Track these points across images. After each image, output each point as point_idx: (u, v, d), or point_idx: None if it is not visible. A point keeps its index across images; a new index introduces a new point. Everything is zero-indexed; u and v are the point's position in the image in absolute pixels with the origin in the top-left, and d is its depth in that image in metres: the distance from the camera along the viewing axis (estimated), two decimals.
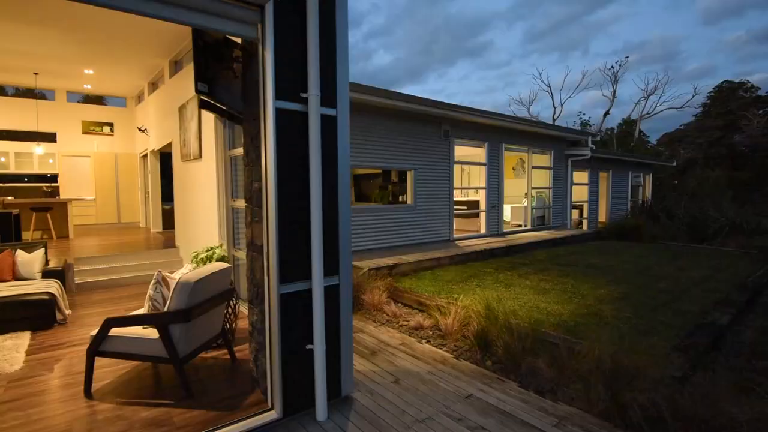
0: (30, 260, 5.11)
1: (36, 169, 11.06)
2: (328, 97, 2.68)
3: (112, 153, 11.75)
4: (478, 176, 12.33)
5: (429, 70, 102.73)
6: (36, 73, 9.37)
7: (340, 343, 2.83)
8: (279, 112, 2.46)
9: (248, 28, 2.49)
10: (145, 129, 10.14)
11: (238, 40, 2.96)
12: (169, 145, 8.00)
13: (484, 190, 9.96)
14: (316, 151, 2.56)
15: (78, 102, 11.97)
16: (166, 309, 2.82)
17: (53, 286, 4.66)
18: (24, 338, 4.05)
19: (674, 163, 20.40)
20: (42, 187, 11.18)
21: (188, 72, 6.56)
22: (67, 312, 4.77)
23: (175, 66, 7.76)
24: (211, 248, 4.06)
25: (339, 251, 2.78)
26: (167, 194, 10.67)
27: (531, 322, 3.83)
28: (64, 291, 4.97)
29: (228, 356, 3.50)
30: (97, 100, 12.52)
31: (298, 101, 2.57)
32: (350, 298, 2.89)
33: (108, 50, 7.57)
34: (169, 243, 7.91)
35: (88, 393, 2.90)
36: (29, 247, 5.31)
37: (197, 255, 4.02)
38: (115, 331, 2.85)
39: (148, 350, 2.83)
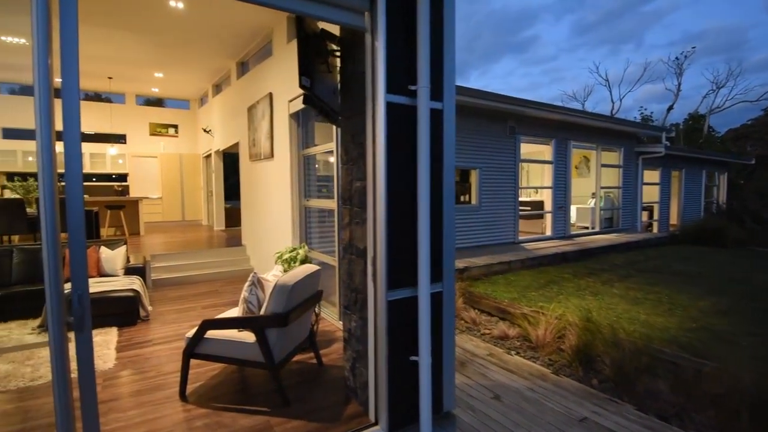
0: (113, 257, 5.29)
1: (108, 169, 11.69)
2: (434, 90, 2.47)
3: (177, 154, 12.23)
4: (539, 175, 11.74)
5: (470, 67, 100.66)
6: (110, 78, 9.88)
7: (442, 355, 2.62)
8: (389, 107, 2.28)
9: (357, 17, 2.33)
10: (210, 130, 10.44)
11: (336, 32, 2.81)
12: (235, 145, 8.14)
13: (548, 190, 9.43)
14: (425, 148, 2.35)
15: (145, 105, 12.55)
16: (263, 312, 2.72)
17: (136, 283, 4.78)
18: (112, 334, 4.15)
19: (752, 161, 18.61)
20: (114, 186, 11.81)
21: (256, 73, 6.61)
22: (149, 308, 4.88)
23: (242, 67, 7.88)
24: (295, 249, 3.97)
25: (443, 255, 2.57)
26: (229, 193, 10.96)
27: (638, 337, 3.45)
28: (146, 288, 5.10)
29: (314, 360, 3.39)
30: (160, 103, 13.08)
31: (407, 94, 2.37)
32: (453, 307, 2.67)
33: (178, 54, 7.81)
34: (234, 241, 8.05)
35: (183, 395, 2.86)
36: (111, 244, 5.50)
37: (281, 255, 3.95)
38: (210, 334, 2.79)
39: (244, 354, 2.75)
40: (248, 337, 2.74)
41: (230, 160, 10.64)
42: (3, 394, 2.92)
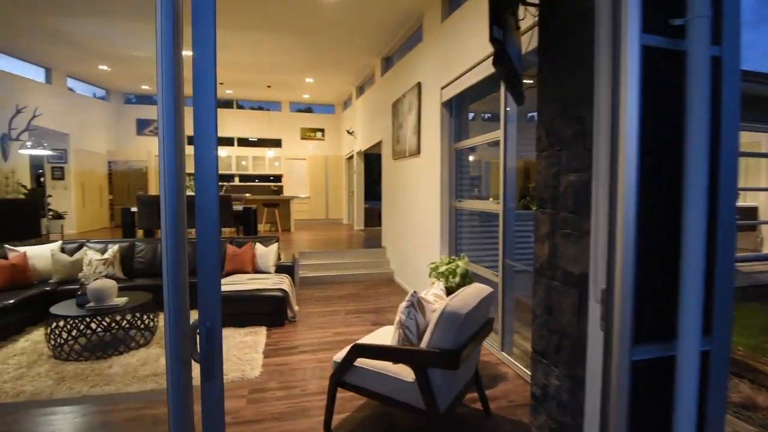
0: (266, 253, 5.40)
1: (267, 171, 12.85)
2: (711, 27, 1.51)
3: (323, 156, 12.83)
4: (754, 171, 9.03)
5: None
6: (269, 86, 10.73)
7: None
8: (646, 53, 1.42)
9: None
10: (353, 131, 10.59)
11: None
12: (376, 145, 7.94)
13: None
14: (700, 120, 1.43)
15: (297, 111, 13.49)
16: (425, 344, 2.11)
17: (285, 282, 4.72)
18: (261, 335, 4.07)
19: None
20: (271, 186, 12.95)
21: (402, 66, 6.20)
22: (296, 308, 4.79)
23: (386, 63, 7.62)
24: (452, 260, 3.34)
25: (714, 292, 1.59)
26: (367, 193, 11.00)
27: None
28: (294, 287, 5.06)
29: (477, 404, 2.67)
30: (309, 109, 13.94)
31: (666, 33, 1.48)
32: (726, 375, 1.66)
33: (328, 55, 7.92)
34: (374, 242, 7.86)
35: (328, 427, 2.43)
36: (265, 241, 5.65)
37: (436, 268, 3.35)
38: (361, 362, 2.29)
39: (399, 394, 2.18)
40: (406, 373, 2.15)
41: (369, 160, 10.66)
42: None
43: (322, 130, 13.36)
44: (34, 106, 8.02)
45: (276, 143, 13.04)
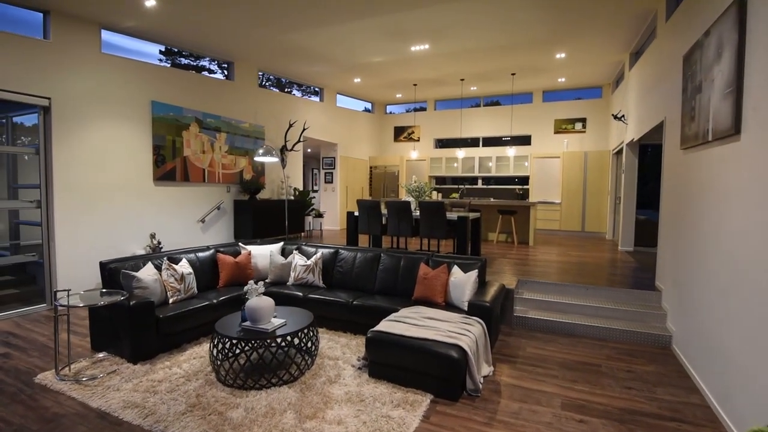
0: (462, 282, 4.07)
1: (511, 172, 11.31)
2: None
3: (582, 151, 10.22)
4: None
5: None
6: (513, 74, 9.17)
7: None
8: None
9: None
10: (623, 115, 7.77)
11: None
12: (656, 128, 5.24)
13: None
14: None
15: (552, 101, 11.29)
16: None
17: (470, 335, 3.26)
18: (417, 409, 2.80)
19: None
20: (515, 189, 11.34)
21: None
22: (485, 374, 3.28)
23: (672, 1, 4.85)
24: None
25: None
26: (644, 200, 7.90)
27: None
28: (488, 340, 3.54)
29: None
30: (567, 96, 11.43)
31: None
32: None
33: (574, 14, 5.77)
34: (644, 278, 5.22)
35: None
36: (466, 266, 4.31)
37: None
38: None
39: None
40: None
41: (645, 153, 7.53)
42: None
43: (583, 120, 10.71)
44: (304, 119, 9.40)
45: (524, 140, 11.32)
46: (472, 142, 12.06)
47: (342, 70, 8.91)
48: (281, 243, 5.47)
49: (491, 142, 11.81)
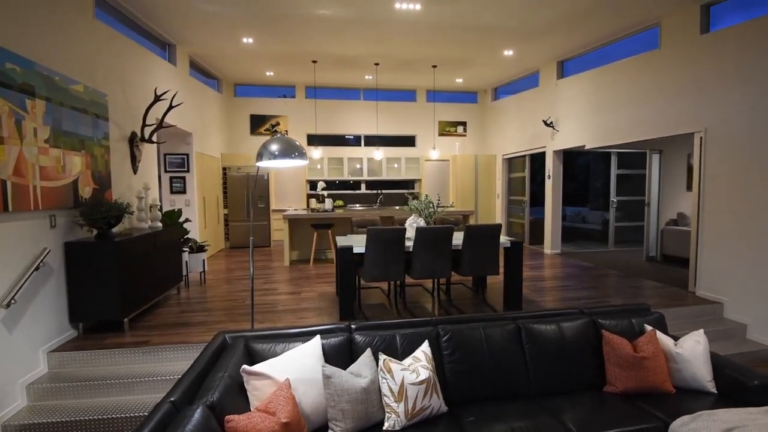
0: (690, 350, 2.82)
1: (403, 175, 10.38)
2: None
3: (473, 155, 10.23)
4: None
5: None
6: (434, 66, 8.20)
7: None
8: None
9: None
10: (551, 122, 7.93)
11: None
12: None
13: None
14: None
15: (435, 102, 10.96)
16: None
17: None
18: None
19: None
20: (404, 193, 10.49)
21: None
22: None
23: None
24: None
25: None
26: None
27: None
28: None
29: None
30: (451, 98, 11.38)
31: None
32: None
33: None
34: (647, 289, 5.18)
35: None
36: (639, 316, 3.07)
37: None
38: None
39: None
40: None
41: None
42: None
43: (463, 124, 10.79)
44: (163, 89, 5.71)
45: (409, 141, 10.59)
46: (355, 141, 10.49)
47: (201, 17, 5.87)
48: (317, 337, 2.72)
49: (373, 141, 10.49)
